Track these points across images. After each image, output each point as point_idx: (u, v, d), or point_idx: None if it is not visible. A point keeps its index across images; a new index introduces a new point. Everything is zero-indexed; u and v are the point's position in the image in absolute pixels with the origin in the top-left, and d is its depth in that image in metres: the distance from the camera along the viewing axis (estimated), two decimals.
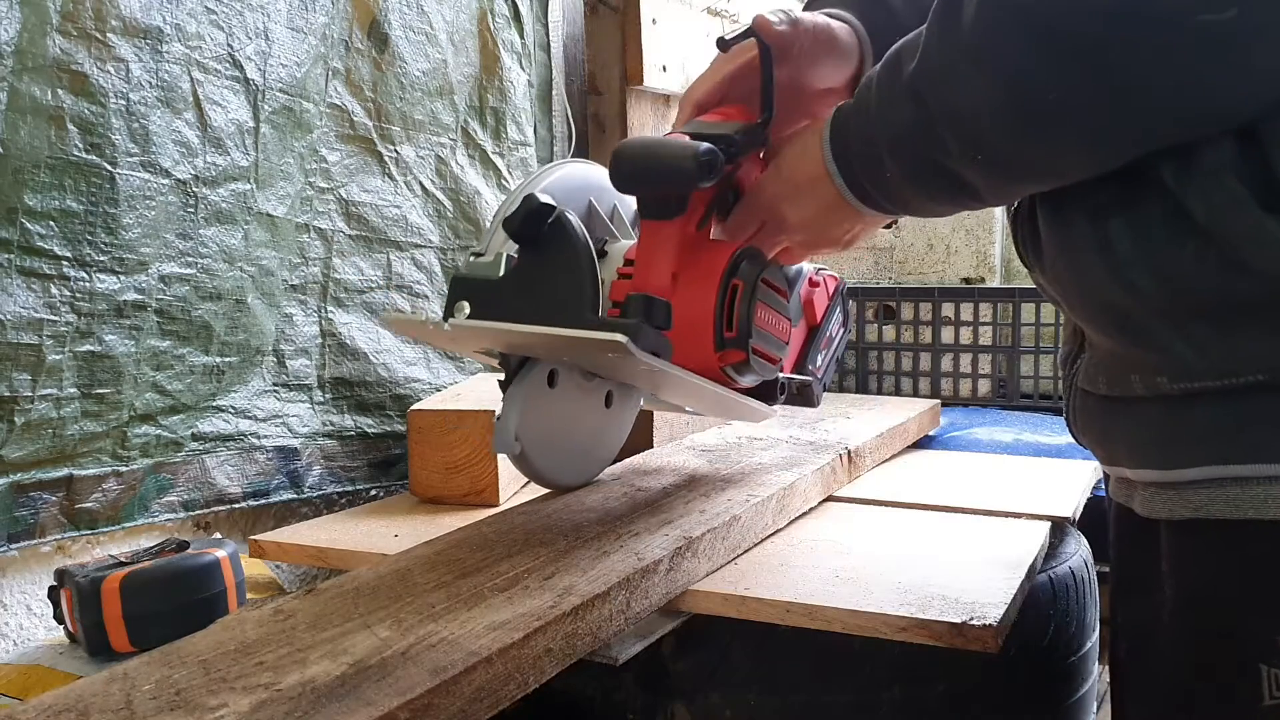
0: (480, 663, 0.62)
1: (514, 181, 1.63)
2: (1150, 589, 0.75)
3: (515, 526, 0.92)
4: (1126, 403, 0.73)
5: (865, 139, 0.78)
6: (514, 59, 1.61)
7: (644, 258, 0.92)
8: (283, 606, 0.71)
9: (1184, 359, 0.67)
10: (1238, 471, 0.66)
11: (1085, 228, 0.70)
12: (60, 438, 1.06)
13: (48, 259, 1.01)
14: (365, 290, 1.41)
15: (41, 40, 0.99)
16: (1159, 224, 0.66)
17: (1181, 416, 0.68)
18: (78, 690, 0.58)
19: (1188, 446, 0.68)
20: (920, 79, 0.71)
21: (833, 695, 0.98)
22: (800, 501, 1.13)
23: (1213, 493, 0.67)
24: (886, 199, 0.80)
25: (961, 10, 0.66)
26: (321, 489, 1.36)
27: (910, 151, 0.74)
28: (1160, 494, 0.71)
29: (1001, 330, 1.85)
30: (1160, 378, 0.69)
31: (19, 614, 1.08)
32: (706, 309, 0.90)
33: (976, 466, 1.44)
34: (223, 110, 1.16)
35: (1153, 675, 0.77)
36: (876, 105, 0.76)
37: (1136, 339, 0.70)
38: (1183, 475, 0.69)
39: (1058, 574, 1.09)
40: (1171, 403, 0.69)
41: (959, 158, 0.71)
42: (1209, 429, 0.67)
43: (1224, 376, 0.66)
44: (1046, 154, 0.69)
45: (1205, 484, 0.67)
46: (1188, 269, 0.65)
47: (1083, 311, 0.75)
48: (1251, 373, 0.65)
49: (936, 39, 0.69)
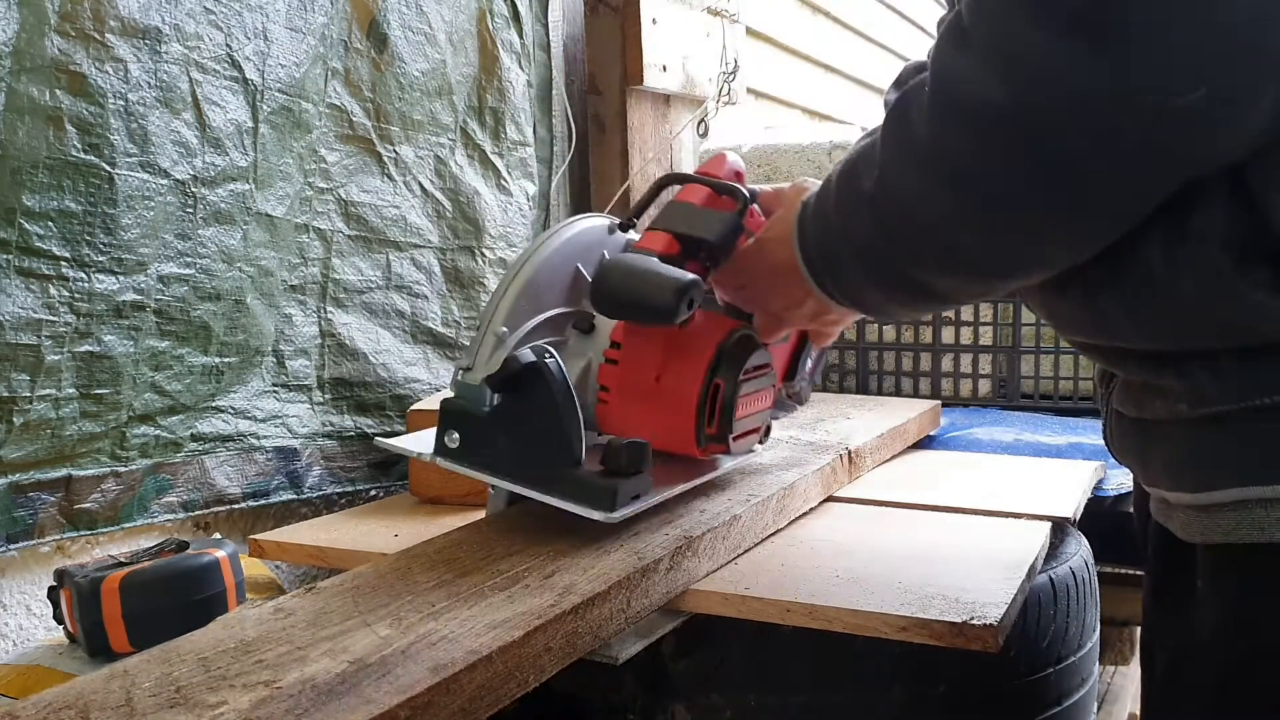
0: (480, 661, 0.62)
1: (513, 182, 1.63)
2: (1189, 608, 0.73)
3: (516, 526, 0.92)
4: (1157, 425, 0.72)
5: (826, 248, 0.80)
6: (513, 59, 1.61)
7: (628, 357, 0.95)
8: (283, 605, 0.71)
9: (1201, 387, 0.67)
10: (1261, 493, 0.65)
11: (1077, 297, 0.71)
12: (59, 438, 1.05)
13: (46, 259, 1.01)
14: (365, 290, 1.41)
15: (40, 41, 0.98)
16: (1147, 303, 0.66)
17: (1206, 440, 0.68)
18: (78, 688, 0.58)
19: (1214, 469, 0.68)
20: (881, 199, 0.72)
21: (833, 695, 0.98)
22: (801, 501, 1.13)
23: (1239, 516, 0.66)
24: (849, 300, 0.82)
25: (912, 122, 0.67)
26: (321, 489, 1.36)
27: (876, 262, 0.76)
28: (1196, 517, 0.69)
29: (1001, 330, 1.85)
30: (1180, 404, 0.68)
31: (19, 614, 1.08)
32: (689, 410, 0.94)
33: (976, 466, 1.44)
34: (221, 110, 1.16)
35: (1191, 694, 0.76)
36: (838, 218, 0.77)
37: (1149, 375, 0.70)
38: (1211, 498, 0.67)
39: (1058, 574, 1.09)
40: (1195, 426, 0.68)
41: (934, 268, 0.72)
42: (1231, 451, 0.66)
43: (1243, 399, 0.65)
44: (1020, 247, 0.69)
45: (1231, 507, 0.66)
46: (1188, 330, 0.66)
47: (1093, 353, 0.77)
48: (1270, 394, 0.64)
49: (893, 153, 0.70)
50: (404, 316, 1.47)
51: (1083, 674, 1.12)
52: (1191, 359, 0.67)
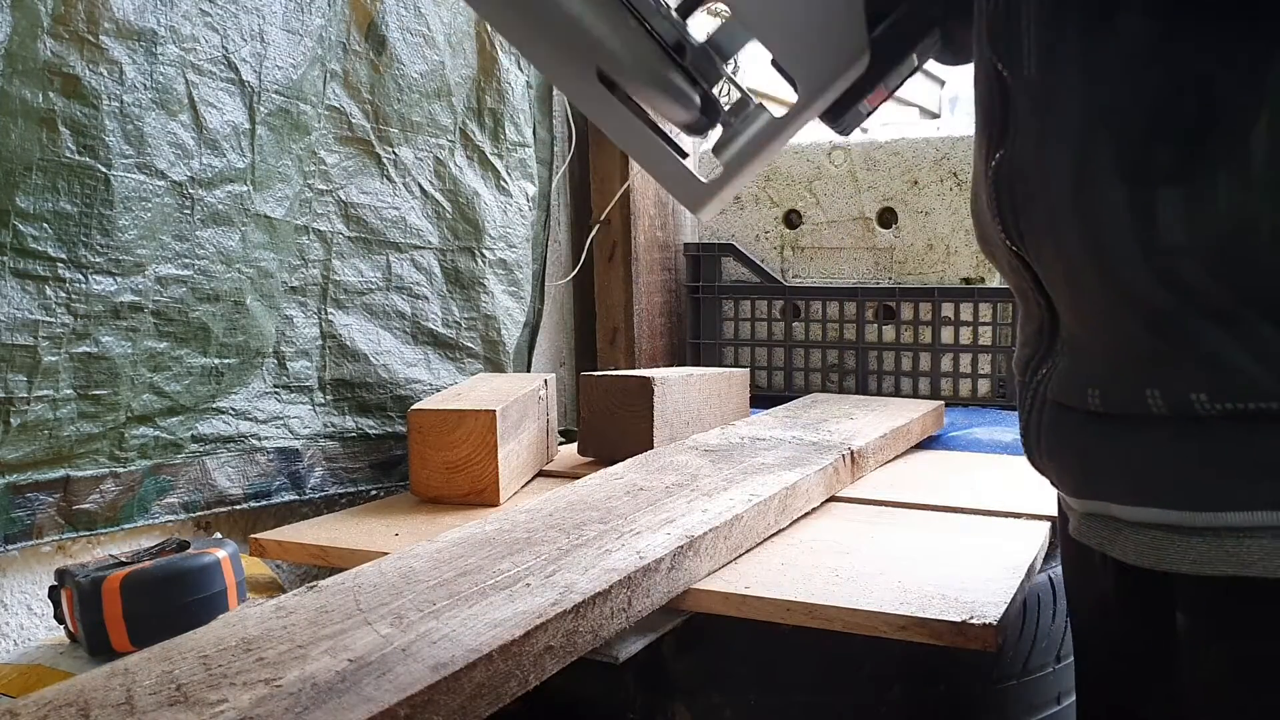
0: (481, 660, 0.62)
1: (513, 183, 1.63)
2: (1166, 670, 0.60)
3: (517, 525, 0.92)
4: (1131, 423, 0.58)
5: None
6: (512, 60, 1.61)
7: None
8: (284, 603, 0.71)
9: (1243, 373, 0.52)
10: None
11: (1118, 190, 0.54)
12: (56, 439, 1.05)
13: (42, 261, 1.01)
14: (365, 292, 1.41)
15: (33, 43, 0.98)
16: (1233, 197, 0.51)
17: (1225, 445, 0.54)
18: (78, 685, 0.58)
19: (1236, 483, 0.54)
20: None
21: (833, 695, 0.98)
22: (803, 502, 1.13)
23: (1273, 545, 0.53)
24: None
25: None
26: (323, 490, 1.36)
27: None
28: (1179, 540, 0.56)
29: (1001, 330, 1.85)
30: (1198, 394, 0.54)
31: (19, 614, 1.08)
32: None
33: (977, 466, 1.44)
34: (218, 112, 1.16)
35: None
36: None
37: (1167, 344, 0.55)
38: (1221, 519, 0.54)
39: (1058, 573, 1.09)
40: (1210, 426, 0.54)
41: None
42: (1273, 463, 0.53)
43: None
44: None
45: (1259, 532, 0.53)
46: (1267, 261, 0.51)
47: (1085, 301, 0.59)
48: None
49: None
50: (404, 318, 1.47)
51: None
52: (1236, 325, 0.52)
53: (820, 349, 1.98)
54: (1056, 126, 0.57)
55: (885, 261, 1.97)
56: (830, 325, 1.97)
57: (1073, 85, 0.56)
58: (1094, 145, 0.55)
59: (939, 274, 1.92)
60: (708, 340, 2.05)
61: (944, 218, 1.91)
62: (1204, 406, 0.54)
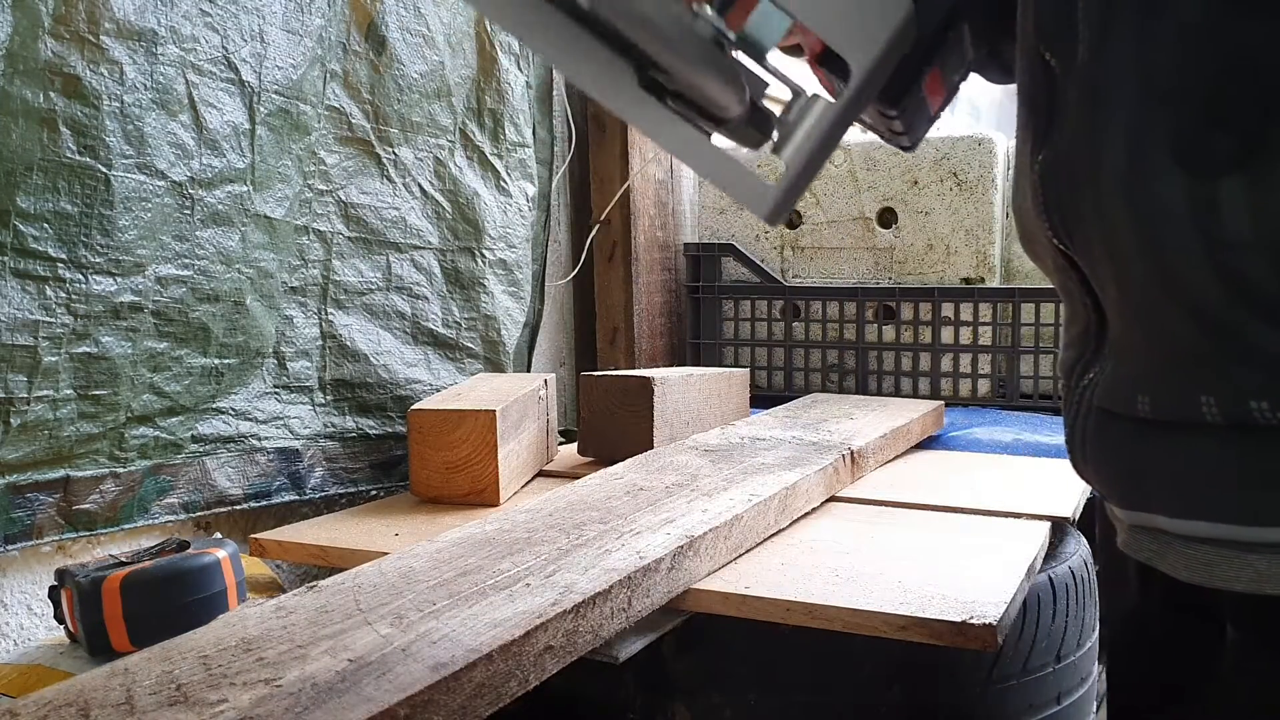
0: (481, 660, 0.62)
1: (513, 183, 1.63)
2: (1204, 683, 0.58)
3: (517, 525, 0.92)
4: (1183, 431, 0.54)
5: None
6: (511, 60, 1.61)
7: None
8: (284, 603, 0.71)
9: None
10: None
11: (1175, 180, 0.50)
12: (56, 439, 1.05)
13: (42, 261, 1.01)
14: (365, 292, 1.41)
15: (33, 44, 0.98)
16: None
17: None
18: (78, 685, 0.58)
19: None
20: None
21: (833, 695, 0.98)
22: (803, 502, 1.13)
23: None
24: None
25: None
26: (323, 490, 1.36)
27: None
28: (1233, 557, 0.52)
29: (1001, 330, 1.85)
30: (1258, 402, 0.50)
31: (19, 614, 1.08)
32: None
33: (976, 466, 1.44)
34: (218, 112, 1.16)
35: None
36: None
37: (1225, 347, 0.51)
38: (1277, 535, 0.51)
39: (1058, 574, 1.09)
40: (1269, 437, 0.51)
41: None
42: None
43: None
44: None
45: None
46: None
47: (1136, 300, 0.55)
48: None
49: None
50: (404, 318, 1.47)
51: (1082, 673, 1.12)
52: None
53: (820, 349, 1.98)
54: (1109, 115, 0.53)
55: (885, 261, 1.97)
56: (830, 325, 1.97)
57: (1127, 69, 0.53)
58: (1149, 132, 0.51)
59: (939, 274, 1.92)
60: (708, 340, 2.05)
61: (944, 218, 1.91)
62: (1265, 416, 0.50)
